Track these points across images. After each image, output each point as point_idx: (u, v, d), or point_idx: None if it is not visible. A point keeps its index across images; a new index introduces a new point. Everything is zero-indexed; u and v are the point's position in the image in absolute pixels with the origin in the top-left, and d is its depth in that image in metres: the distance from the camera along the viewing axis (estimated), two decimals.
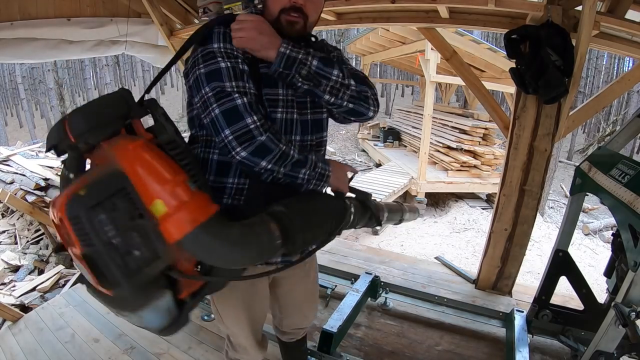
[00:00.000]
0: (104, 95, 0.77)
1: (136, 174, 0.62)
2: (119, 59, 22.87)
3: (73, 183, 0.64)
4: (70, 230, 0.58)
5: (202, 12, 2.50)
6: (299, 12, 0.89)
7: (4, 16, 2.12)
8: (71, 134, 0.68)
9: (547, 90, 1.68)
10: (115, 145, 0.65)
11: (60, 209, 0.58)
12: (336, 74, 0.89)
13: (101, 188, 0.60)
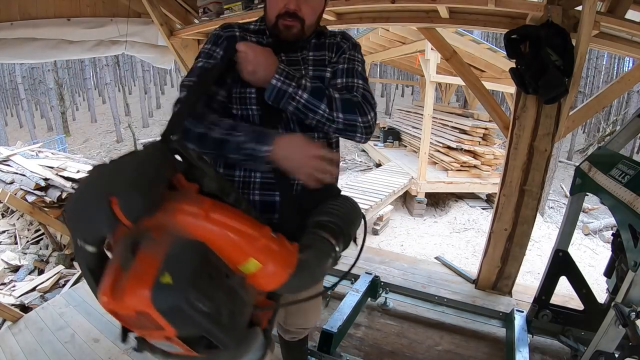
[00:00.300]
0: (142, 156, 0.62)
1: (217, 240, 0.58)
2: (119, 59, 22.87)
3: (135, 268, 0.54)
4: (159, 320, 0.52)
5: (202, 12, 2.51)
6: (294, 17, 0.90)
7: (4, 16, 2.12)
8: (128, 219, 0.55)
9: (547, 90, 1.68)
10: (176, 213, 0.58)
11: (145, 304, 0.51)
12: (323, 109, 0.88)
13: (187, 268, 0.54)
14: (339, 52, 1.01)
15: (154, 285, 0.51)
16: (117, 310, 0.54)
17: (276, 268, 0.61)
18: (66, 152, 10.10)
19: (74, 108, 23.31)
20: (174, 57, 2.89)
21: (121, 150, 14.72)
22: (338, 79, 0.98)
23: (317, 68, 1.00)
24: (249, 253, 0.60)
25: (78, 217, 0.58)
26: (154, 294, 0.51)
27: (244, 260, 0.59)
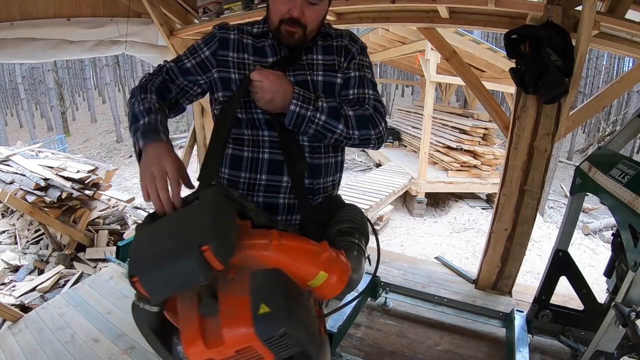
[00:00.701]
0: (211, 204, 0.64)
1: (291, 263, 0.64)
2: (119, 59, 22.87)
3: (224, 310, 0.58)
4: (262, 350, 0.57)
5: (202, 12, 2.51)
6: (297, 23, 0.90)
7: (4, 16, 2.12)
8: (221, 263, 0.57)
9: (547, 90, 1.68)
10: (250, 249, 0.63)
11: (250, 339, 0.56)
12: (341, 129, 0.90)
13: (278, 294, 0.60)
14: (348, 57, 1.01)
15: (254, 318, 0.55)
16: (214, 356, 0.56)
17: (338, 276, 0.67)
18: (66, 152, 10.09)
19: (74, 108, 23.30)
20: None
21: (121, 150, 14.71)
22: (350, 90, 0.98)
23: (327, 73, 0.98)
24: (319, 267, 0.65)
25: (161, 271, 0.57)
26: (256, 327, 0.55)
27: (315, 275, 0.65)
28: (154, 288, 0.58)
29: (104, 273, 2.56)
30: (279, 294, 0.59)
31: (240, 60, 0.95)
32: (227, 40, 0.96)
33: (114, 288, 2.35)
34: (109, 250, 3.71)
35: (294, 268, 0.64)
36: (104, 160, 13.01)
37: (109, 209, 4.29)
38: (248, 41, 0.97)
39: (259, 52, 0.97)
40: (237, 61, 0.95)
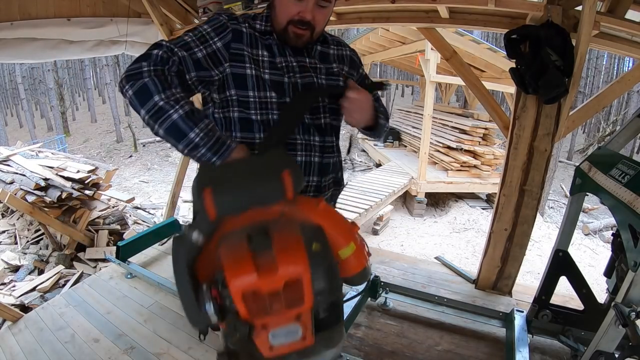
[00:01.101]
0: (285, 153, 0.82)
1: (330, 226, 0.71)
2: (119, 59, 22.79)
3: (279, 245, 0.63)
4: (306, 288, 0.62)
5: (202, 12, 2.51)
6: (307, 25, 0.89)
7: (4, 16, 2.12)
8: (295, 191, 0.68)
9: (547, 90, 1.68)
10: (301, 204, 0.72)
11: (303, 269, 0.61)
12: (388, 125, 1.09)
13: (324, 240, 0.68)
14: (354, 67, 1.09)
15: (309, 253, 0.62)
16: (262, 286, 0.60)
17: (362, 253, 0.74)
18: (66, 152, 10.10)
19: (74, 108, 23.29)
20: None
21: (121, 150, 14.71)
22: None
23: (330, 78, 1.02)
24: (351, 239, 0.72)
25: (241, 185, 0.66)
26: (310, 259, 0.62)
27: (346, 244, 0.71)
28: (226, 200, 0.64)
29: (104, 273, 2.56)
30: (325, 240, 0.68)
31: (255, 57, 0.90)
32: (240, 32, 0.89)
33: (114, 288, 2.35)
34: (109, 250, 3.71)
35: (332, 232, 0.70)
36: (104, 160, 13.00)
37: (109, 209, 4.29)
38: (257, 35, 0.93)
39: (268, 49, 0.93)
40: (254, 57, 0.89)
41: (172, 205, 3.34)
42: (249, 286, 0.60)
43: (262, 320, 0.63)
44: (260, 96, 0.89)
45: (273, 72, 0.91)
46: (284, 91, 0.91)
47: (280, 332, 0.65)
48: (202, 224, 0.66)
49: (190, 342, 1.83)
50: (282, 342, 0.66)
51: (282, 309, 0.63)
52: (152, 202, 7.13)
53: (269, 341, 0.65)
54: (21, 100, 19.09)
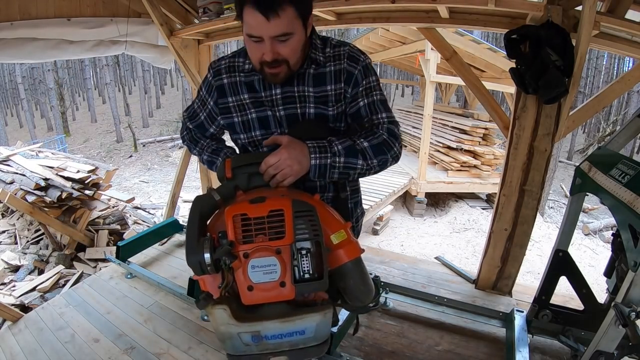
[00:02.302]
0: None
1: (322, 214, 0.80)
2: (119, 59, 22.85)
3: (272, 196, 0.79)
4: (288, 222, 0.73)
5: (202, 12, 2.51)
6: (276, 62, 0.87)
7: (4, 16, 2.12)
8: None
9: (547, 90, 1.68)
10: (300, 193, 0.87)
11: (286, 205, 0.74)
12: (360, 164, 0.92)
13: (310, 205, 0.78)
14: (351, 83, 0.96)
15: (293, 200, 0.76)
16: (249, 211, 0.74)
17: (353, 245, 0.82)
18: (66, 152, 10.10)
19: (74, 108, 23.29)
20: (174, 57, 2.89)
21: (121, 150, 14.71)
22: (365, 119, 0.97)
23: (318, 106, 0.97)
24: (342, 227, 0.82)
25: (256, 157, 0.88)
26: (292, 202, 0.75)
27: (337, 229, 0.80)
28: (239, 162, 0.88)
29: (104, 273, 2.56)
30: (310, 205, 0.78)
31: (239, 102, 1.01)
32: (222, 87, 1.01)
33: (114, 288, 2.35)
34: (109, 250, 3.71)
35: (324, 218, 0.80)
36: (104, 160, 13.01)
37: (109, 209, 4.29)
38: (241, 79, 1.00)
39: (250, 88, 0.99)
40: (237, 104, 1.01)
41: (172, 205, 3.34)
42: (239, 210, 0.74)
43: (245, 247, 0.72)
44: (248, 137, 1.03)
45: (259, 109, 0.99)
46: (269, 125, 1.00)
47: (259, 263, 0.72)
48: (222, 186, 0.86)
49: (190, 342, 1.83)
50: (261, 280, 0.72)
51: (264, 240, 0.73)
52: (152, 202, 7.13)
53: (248, 275, 0.72)
54: (21, 100, 19.09)
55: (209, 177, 3.32)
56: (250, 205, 0.74)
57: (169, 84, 31.04)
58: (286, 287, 0.72)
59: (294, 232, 0.73)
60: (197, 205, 0.80)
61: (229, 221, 0.73)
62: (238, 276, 0.72)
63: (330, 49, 0.97)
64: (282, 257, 0.72)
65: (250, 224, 0.73)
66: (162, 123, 19.33)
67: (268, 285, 0.72)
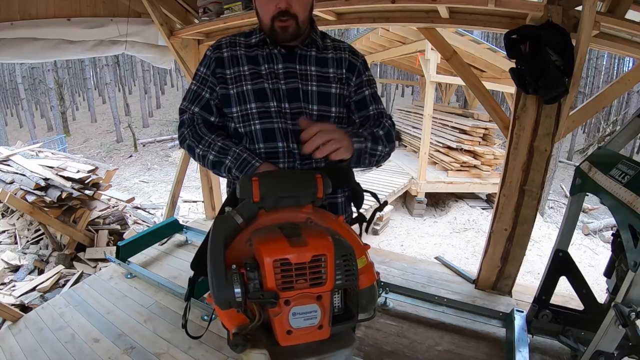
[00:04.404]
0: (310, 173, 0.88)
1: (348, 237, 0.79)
2: (119, 59, 22.83)
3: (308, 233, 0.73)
4: (330, 267, 0.70)
5: (202, 12, 2.51)
6: (287, 15, 0.92)
7: (4, 16, 2.12)
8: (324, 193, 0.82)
9: (547, 90, 1.68)
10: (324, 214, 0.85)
11: (328, 248, 0.70)
12: (380, 150, 0.98)
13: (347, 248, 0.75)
14: (355, 72, 1.04)
15: (333, 239, 0.72)
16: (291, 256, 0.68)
17: (371, 271, 0.82)
18: (66, 152, 10.10)
19: (74, 108, 23.28)
20: (174, 57, 2.89)
21: (121, 150, 14.71)
22: (370, 107, 1.05)
23: (321, 84, 1.01)
24: (363, 252, 0.81)
25: (283, 178, 0.84)
26: (335, 243, 0.71)
27: (359, 256, 0.78)
28: (270, 188, 0.78)
29: (104, 273, 2.56)
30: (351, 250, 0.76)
31: (237, 74, 1.00)
32: (222, 59, 1.00)
33: (114, 288, 2.35)
34: (109, 250, 3.71)
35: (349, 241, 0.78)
36: (104, 160, 13.00)
37: (109, 209, 4.29)
38: (241, 52, 1.01)
39: (252, 61, 1.00)
40: (235, 75, 1.00)
41: (172, 205, 3.34)
42: (280, 254, 0.67)
43: (286, 294, 0.68)
44: (242, 109, 0.99)
45: (256, 81, 0.98)
46: (266, 97, 0.98)
47: (301, 310, 0.70)
48: (245, 208, 0.78)
49: (190, 342, 1.83)
50: (301, 325, 0.70)
51: (305, 287, 0.69)
52: (152, 202, 7.13)
53: (288, 321, 0.69)
54: (21, 100, 19.08)
55: (209, 178, 3.32)
56: (291, 249, 0.68)
57: (169, 84, 31.04)
58: (323, 329, 0.72)
59: (335, 278, 0.71)
60: (221, 232, 0.73)
61: (269, 267, 0.67)
62: (277, 321, 0.70)
63: (331, 41, 1.06)
64: (322, 303, 0.71)
65: (291, 270, 0.68)
66: (162, 123, 19.33)
67: (307, 330, 0.71)
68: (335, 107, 1.02)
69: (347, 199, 1.13)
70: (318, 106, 1.00)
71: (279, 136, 0.98)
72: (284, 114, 0.98)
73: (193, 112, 1.03)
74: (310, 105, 0.99)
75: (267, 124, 0.98)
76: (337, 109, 1.02)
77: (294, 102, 0.98)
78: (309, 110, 0.99)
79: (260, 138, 0.99)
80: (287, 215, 0.80)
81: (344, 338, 0.78)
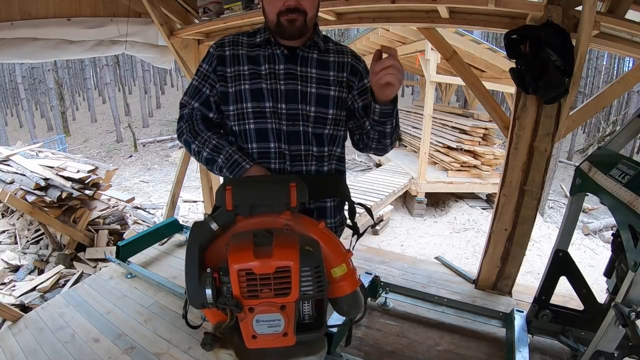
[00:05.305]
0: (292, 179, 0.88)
1: (327, 244, 0.79)
2: (119, 59, 22.83)
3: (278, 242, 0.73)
4: (294, 277, 0.70)
5: (202, 12, 2.51)
6: (296, 10, 0.93)
7: (4, 16, 2.12)
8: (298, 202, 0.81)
9: (548, 90, 1.68)
10: (305, 220, 0.83)
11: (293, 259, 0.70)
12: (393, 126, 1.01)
13: (318, 248, 0.76)
14: (358, 76, 1.05)
15: (300, 249, 0.72)
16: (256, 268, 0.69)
17: (353, 278, 0.81)
18: (66, 152, 10.10)
19: (74, 108, 23.28)
20: (174, 57, 2.89)
21: (121, 150, 14.71)
22: None
23: (320, 86, 1.02)
24: (343, 260, 0.80)
25: (256, 187, 0.83)
26: (301, 254, 0.71)
27: (339, 263, 0.79)
28: (242, 197, 0.79)
29: (104, 273, 2.56)
30: (319, 248, 0.76)
31: (236, 73, 1.01)
32: (223, 57, 1.02)
33: (114, 288, 2.35)
34: (109, 250, 3.71)
35: (327, 249, 0.79)
36: (104, 160, 13.00)
37: (109, 208, 4.29)
38: (243, 52, 1.02)
39: (253, 61, 1.00)
40: (234, 74, 1.01)
41: (172, 205, 3.34)
42: (245, 265, 0.70)
43: (250, 302, 0.71)
44: (238, 108, 1.00)
45: (254, 81, 0.99)
46: (262, 97, 0.99)
47: (264, 318, 0.72)
48: (220, 215, 0.80)
49: (190, 342, 1.83)
50: (265, 332, 0.73)
51: (270, 296, 0.71)
52: (152, 202, 7.13)
53: (252, 327, 0.72)
54: (21, 100, 19.08)
55: (209, 178, 3.32)
56: (255, 260, 0.70)
57: (169, 84, 31.03)
58: (288, 337, 0.74)
59: (299, 289, 0.72)
60: (196, 238, 0.76)
61: (234, 276, 0.70)
62: (242, 325, 0.73)
63: (333, 44, 1.06)
64: (286, 313, 0.72)
65: (256, 280, 0.71)
66: (162, 123, 19.32)
67: (271, 337, 0.73)
68: (332, 109, 1.02)
69: (340, 203, 1.14)
70: (316, 108, 1.00)
71: (271, 137, 0.99)
72: (279, 115, 0.99)
73: (193, 107, 1.05)
74: (308, 106, 1.00)
75: (261, 124, 0.99)
76: (334, 111, 1.03)
77: (291, 103, 0.99)
78: (307, 111, 1.00)
79: (253, 138, 1.00)
80: (265, 220, 0.80)
81: (314, 345, 0.80)
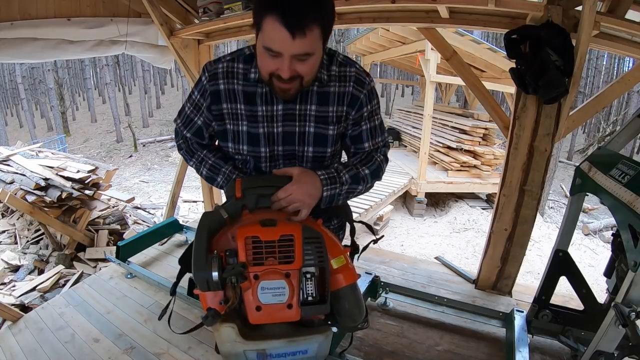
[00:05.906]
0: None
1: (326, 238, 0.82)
2: (119, 59, 22.84)
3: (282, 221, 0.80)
4: (298, 247, 0.75)
5: (202, 12, 2.51)
6: (290, 81, 0.82)
7: (4, 16, 2.12)
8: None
9: (548, 90, 1.68)
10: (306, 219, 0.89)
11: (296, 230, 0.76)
12: (360, 189, 0.99)
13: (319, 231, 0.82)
14: (356, 107, 0.96)
15: (303, 226, 0.78)
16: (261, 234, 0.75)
17: (352, 270, 0.85)
18: (66, 152, 10.10)
19: (74, 108, 23.28)
20: (174, 57, 2.89)
21: (121, 150, 14.71)
22: (365, 143, 1.01)
23: (319, 125, 0.96)
24: (342, 253, 0.85)
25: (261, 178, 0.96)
26: (303, 228, 0.77)
27: (337, 255, 0.83)
28: (250, 183, 0.88)
29: (104, 273, 2.56)
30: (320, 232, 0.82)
31: (234, 111, 0.96)
32: (218, 92, 0.94)
33: (114, 288, 2.35)
34: (109, 250, 3.71)
35: (326, 243, 0.81)
36: (104, 160, 13.01)
37: (109, 208, 4.29)
38: (238, 87, 0.93)
39: (249, 100, 0.93)
40: (232, 112, 0.96)
41: (172, 205, 3.34)
42: (252, 232, 0.75)
43: (256, 269, 0.74)
44: (235, 148, 1.00)
45: (252, 124, 0.95)
46: (258, 142, 0.96)
47: (269, 285, 0.74)
48: (230, 205, 0.85)
49: (190, 342, 1.83)
50: (269, 302, 0.74)
51: (275, 263, 0.75)
52: (152, 202, 7.13)
53: (257, 296, 0.74)
54: (21, 100, 19.08)
55: None
56: (261, 229, 0.75)
57: (169, 84, 31.03)
58: (293, 309, 0.75)
59: (302, 258, 0.75)
60: (206, 222, 0.79)
61: (241, 242, 0.74)
62: (247, 296, 0.75)
63: (337, 67, 0.94)
64: (290, 281, 0.74)
65: (262, 247, 0.74)
66: (162, 123, 19.33)
67: (276, 307, 0.74)
68: (331, 147, 0.99)
69: (340, 226, 1.16)
70: (314, 148, 0.98)
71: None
72: (276, 157, 0.99)
73: (185, 136, 1.07)
74: (306, 147, 0.97)
75: (258, 163, 1.00)
76: (332, 148, 0.99)
77: (288, 145, 0.97)
78: (304, 152, 0.98)
79: (251, 169, 1.02)
80: (270, 215, 0.83)
81: (315, 325, 0.82)
